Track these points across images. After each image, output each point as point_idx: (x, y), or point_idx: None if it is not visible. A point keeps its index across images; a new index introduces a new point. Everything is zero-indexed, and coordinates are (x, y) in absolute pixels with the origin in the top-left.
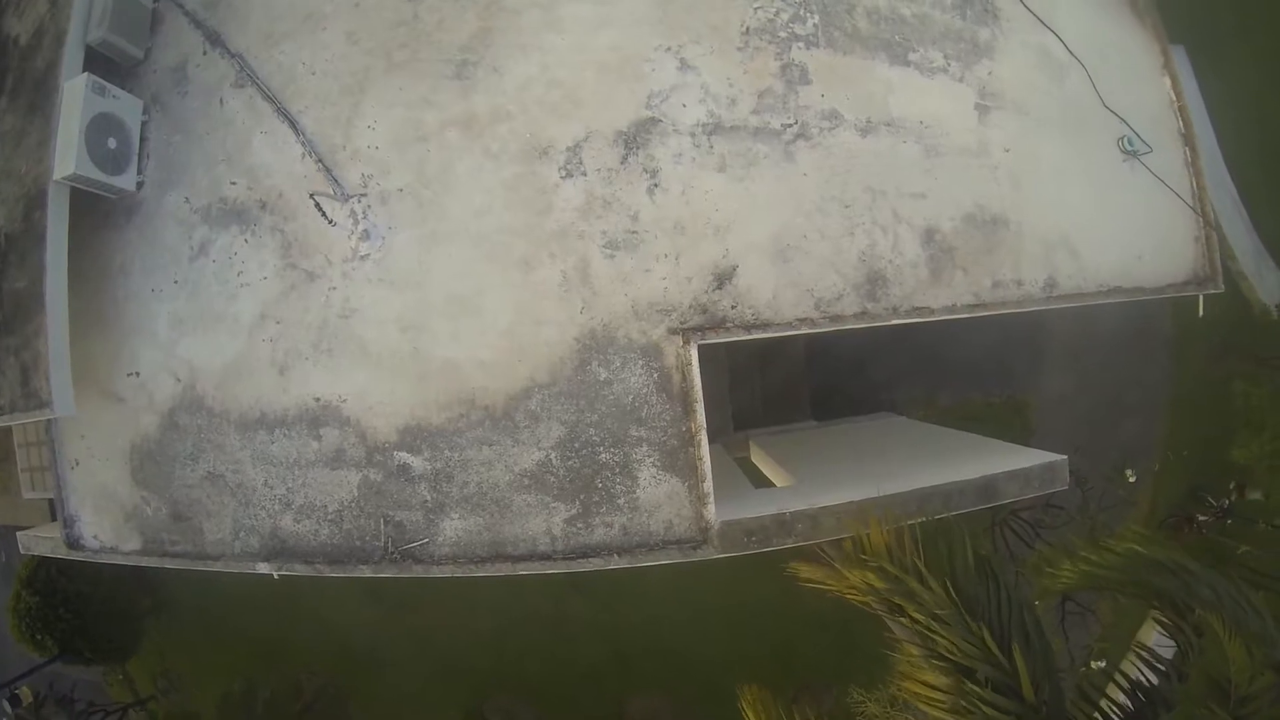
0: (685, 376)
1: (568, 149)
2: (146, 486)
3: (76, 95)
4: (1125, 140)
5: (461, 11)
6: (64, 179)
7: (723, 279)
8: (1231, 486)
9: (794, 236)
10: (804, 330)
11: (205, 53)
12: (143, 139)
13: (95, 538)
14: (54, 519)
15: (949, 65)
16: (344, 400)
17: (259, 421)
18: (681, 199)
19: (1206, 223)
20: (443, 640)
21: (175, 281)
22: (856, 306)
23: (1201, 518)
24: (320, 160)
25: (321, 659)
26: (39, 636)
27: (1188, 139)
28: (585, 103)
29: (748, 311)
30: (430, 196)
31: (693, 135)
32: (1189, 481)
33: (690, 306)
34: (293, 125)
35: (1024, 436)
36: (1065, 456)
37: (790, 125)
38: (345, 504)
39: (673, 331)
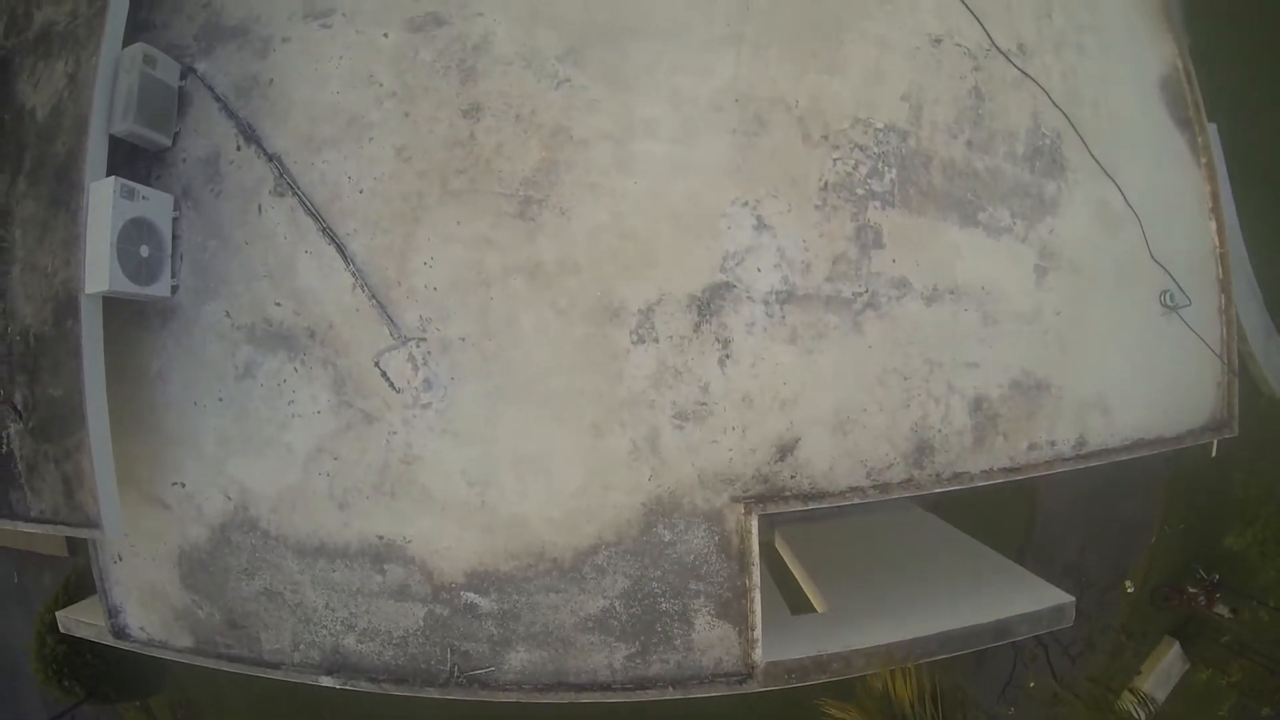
0: (744, 540)
1: (640, 312)
2: (198, 591)
3: (105, 202)
4: (1167, 295)
5: (524, 136)
6: (96, 294)
7: (785, 451)
8: (1215, 579)
9: (854, 409)
10: (854, 500)
11: (239, 148)
12: (175, 236)
13: (142, 630)
14: (70, 552)
15: (1014, 224)
16: (409, 541)
17: (319, 550)
18: (751, 372)
19: (1230, 370)
20: None
21: (220, 399)
22: (904, 474)
23: (1192, 590)
24: (374, 296)
25: (347, 704)
26: (66, 682)
27: (1224, 285)
28: (659, 261)
29: (805, 482)
30: (495, 350)
31: (766, 304)
32: (1183, 554)
33: (753, 476)
34: (341, 251)
35: (1030, 515)
36: (1073, 598)
37: (861, 294)
38: (410, 631)
39: (735, 500)
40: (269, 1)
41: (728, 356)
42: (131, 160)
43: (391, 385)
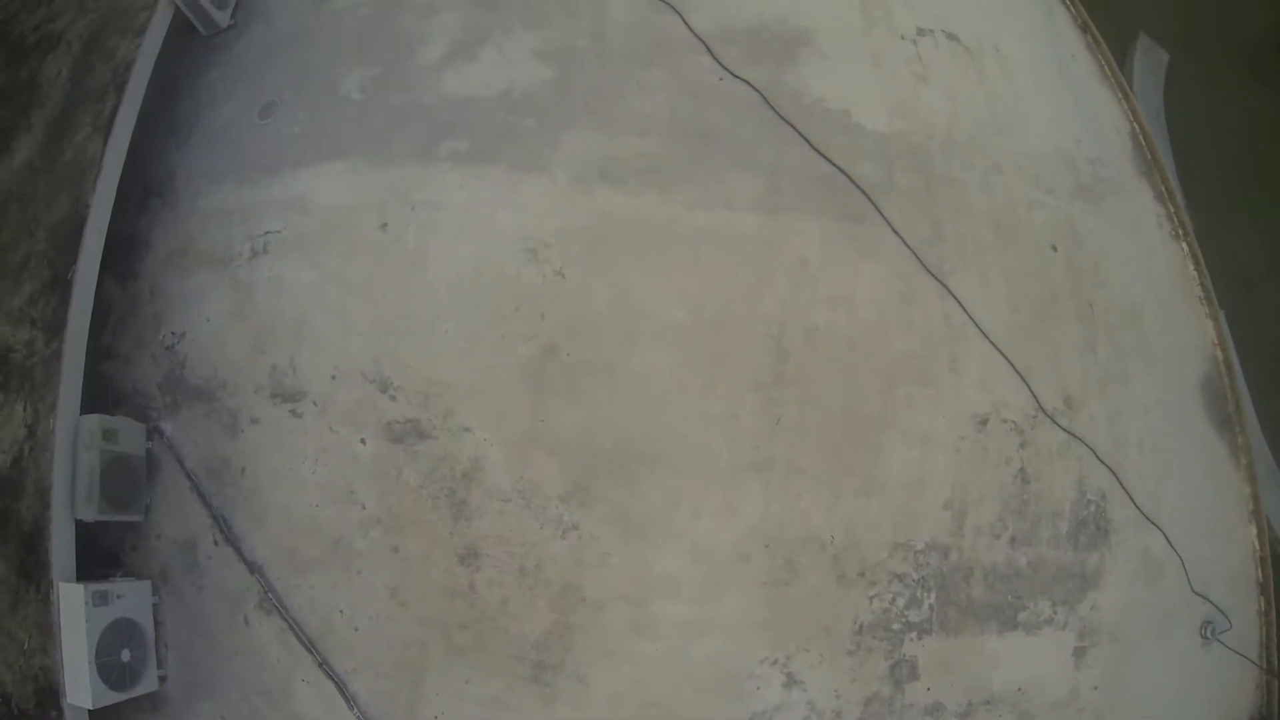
0: None
1: None
2: None
3: (78, 613)
4: (1208, 628)
5: (530, 595)
6: (77, 707)
7: None
8: None
9: None
10: None
11: (216, 543)
12: (156, 622)
13: None
14: None
15: (1055, 613)
16: None
17: None
18: None
19: (1270, 672)
20: None
21: None
22: None
23: None
24: None
25: None
26: None
27: (1264, 588)
28: None
29: None
30: None
31: None
32: None
33: None
34: (342, 692)
35: None
36: None
37: None
38: None
39: None
40: (234, 367)
41: None
42: (102, 545)
43: None
